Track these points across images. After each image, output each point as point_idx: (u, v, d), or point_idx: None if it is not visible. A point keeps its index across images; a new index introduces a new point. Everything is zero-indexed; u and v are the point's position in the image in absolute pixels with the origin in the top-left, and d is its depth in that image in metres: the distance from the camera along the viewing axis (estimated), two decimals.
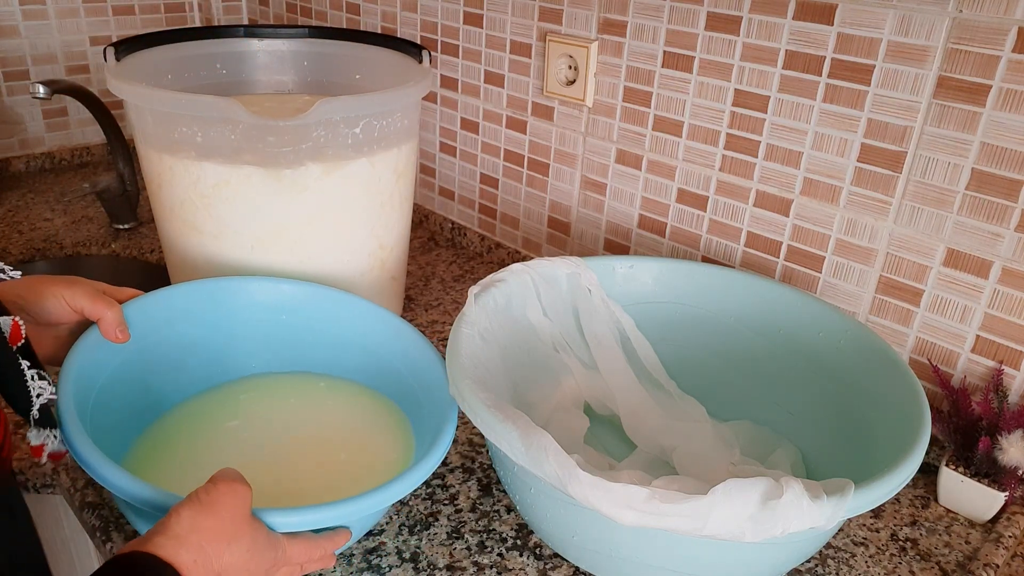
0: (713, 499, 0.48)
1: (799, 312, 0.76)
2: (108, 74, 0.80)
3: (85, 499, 0.70)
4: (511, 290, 0.75)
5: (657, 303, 0.83)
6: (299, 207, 0.80)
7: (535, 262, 0.78)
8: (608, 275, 0.81)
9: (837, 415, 0.72)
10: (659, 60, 0.90)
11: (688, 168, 0.92)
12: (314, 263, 0.84)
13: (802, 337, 0.76)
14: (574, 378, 0.81)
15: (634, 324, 0.82)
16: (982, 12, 0.67)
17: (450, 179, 1.25)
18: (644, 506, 0.49)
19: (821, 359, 0.74)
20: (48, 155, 1.48)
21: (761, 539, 0.49)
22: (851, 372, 0.72)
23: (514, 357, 0.74)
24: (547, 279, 0.78)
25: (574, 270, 0.79)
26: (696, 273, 0.82)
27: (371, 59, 0.99)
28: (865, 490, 0.52)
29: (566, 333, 0.80)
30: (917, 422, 0.60)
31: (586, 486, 0.50)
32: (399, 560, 0.66)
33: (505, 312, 0.74)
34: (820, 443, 0.74)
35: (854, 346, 0.72)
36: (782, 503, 0.48)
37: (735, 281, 0.80)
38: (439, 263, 1.20)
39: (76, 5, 1.44)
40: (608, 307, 0.81)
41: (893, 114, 0.75)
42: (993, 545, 0.70)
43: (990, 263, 0.73)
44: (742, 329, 0.80)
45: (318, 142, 0.78)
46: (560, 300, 0.79)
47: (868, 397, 0.69)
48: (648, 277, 0.83)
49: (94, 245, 1.20)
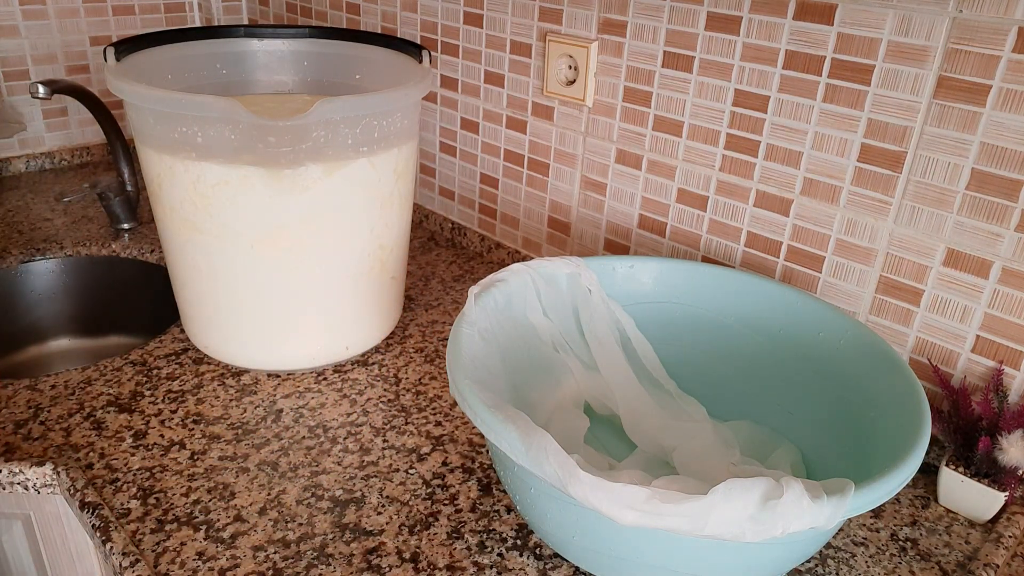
0: (713, 499, 0.48)
1: (799, 312, 0.77)
2: (108, 74, 0.80)
3: (85, 499, 0.70)
4: (511, 290, 0.75)
5: (657, 303, 0.83)
6: (299, 207, 0.80)
7: (535, 262, 0.78)
8: (608, 275, 0.81)
9: (837, 415, 0.72)
10: (659, 60, 0.91)
11: (688, 168, 0.92)
12: (314, 263, 0.84)
13: (802, 337, 0.76)
14: (574, 378, 0.81)
15: (634, 324, 0.82)
16: (982, 12, 0.67)
17: (450, 179, 1.25)
18: (644, 506, 0.49)
19: (821, 359, 0.74)
20: (48, 155, 1.48)
21: (761, 539, 0.49)
22: (851, 372, 0.72)
23: (514, 357, 0.75)
24: (547, 279, 0.78)
25: (574, 270, 0.79)
26: (696, 273, 0.82)
27: (371, 59, 0.99)
28: (865, 490, 0.51)
29: (566, 333, 0.80)
30: (917, 422, 0.60)
31: (586, 486, 0.50)
32: (399, 560, 0.66)
33: (505, 312, 0.74)
34: (820, 443, 0.74)
35: (854, 346, 0.72)
36: (782, 503, 0.48)
37: (735, 281, 0.81)
38: (439, 263, 1.20)
39: (76, 5, 1.44)
40: (608, 307, 0.81)
41: (893, 114, 0.75)
42: (993, 545, 0.70)
43: (990, 263, 0.73)
44: (742, 329, 0.80)
45: (318, 142, 0.78)
46: (560, 300, 0.79)
47: (868, 397, 0.69)
48: (648, 277, 0.83)
49: (94, 245, 1.20)
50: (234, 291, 0.85)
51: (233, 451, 0.78)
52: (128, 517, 0.69)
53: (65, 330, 1.23)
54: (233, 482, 0.74)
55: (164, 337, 0.96)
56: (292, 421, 0.83)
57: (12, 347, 1.19)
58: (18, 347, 1.20)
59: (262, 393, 0.87)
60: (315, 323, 0.89)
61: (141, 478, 0.73)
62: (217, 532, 0.68)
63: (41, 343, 1.22)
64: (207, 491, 0.72)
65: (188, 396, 0.86)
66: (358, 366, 0.93)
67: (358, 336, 0.93)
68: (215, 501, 0.71)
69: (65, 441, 0.78)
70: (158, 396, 0.85)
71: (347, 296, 0.89)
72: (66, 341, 1.23)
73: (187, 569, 0.64)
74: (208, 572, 0.64)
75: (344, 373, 0.91)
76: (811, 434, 0.75)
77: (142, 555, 0.65)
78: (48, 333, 1.22)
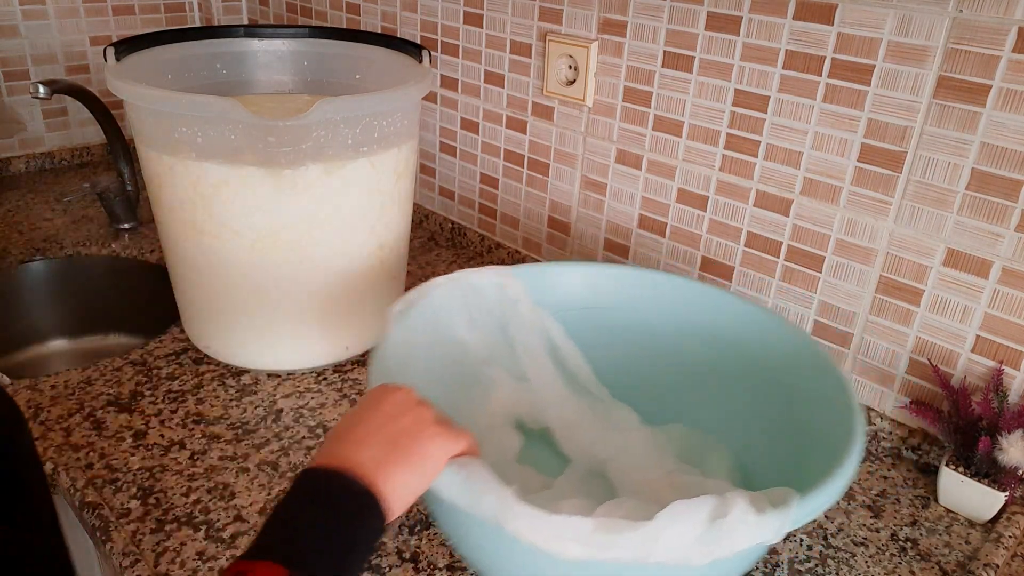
0: (659, 524, 0.47)
1: (727, 312, 0.76)
2: (108, 74, 0.80)
3: (85, 499, 0.70)
4: (436, 305, 0.72)
5: (586, 309, 0.81)
6: (299, 207, 0.80)
7: (459, 273, 0.75)
8: (536, 283, 0.79)
9: (769, 412, 0.72)
10: (659, 60, 0.90)
11: (688, 168, 0.92)
12: (314, 263, 0.84)
13: (730, 337, 0.76)
14: (504, 393, 0.79)
15: (564, 332, 0.80)
16: (982, 12, 0.67)
17: (450, 179, 1.25)
18: (590, 538, 0.46)
19: (750, 358, 0.74)
20: (48, 155, 1.48)
21: (710, 560, 0.47)
22: (781, 371, 0.71)
23: (442, 377, 0.72)
24: (473, 291, 0.75)
25: (501, 280, 0.76)
26: (623, 277, 0.81)
27: (371, 59, 0.99)
28: (808, 499, 0.51)
29: (495, 346, 0.78)
30: (849, 420, 0.59)
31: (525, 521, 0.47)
32: (399, 560, 0.66)
33: (431, 330, 0.71)
34: (754, 442, 0.74)
35: (780, 342, 0.72)
36: (728, 521, 0.47)
37: (661, 283, 0.80)
38: (439, 263, 1.20)
39: (76, 5, 1.44)
40: (537, 316, 0.78)
41: (893, 114, 0.75)
42: (993, 545, 0.70)
43: (990, 263, 0.73)
44: (671, 331, 0.79)
45: (318, 142, 0.78)
46: (487, 312, 0.76)
47: (797, 393, 0.69)
48: (576, 283, 0.81)
49: (94, 245, 1.20)
50: (234, 291, 0.85)
51: (233, 451, 0.78)
52: (128, 517, 0.69)
53: (65, 330, 1.22)
54: (233, 482, 0.74)
55: (164, 337, 0.96)
56: (292, 421, 0.83)
57: (12, 347, 1.19)
58: (18, 347, 1.20)
59: (262, 393, 0.87)
60: (315, 323, 0.89)
61: (141, 478, 0.73)
62: (217, 532, 0.68)
63: (41, 343, 1.22)
64: (207, 491, 0.72)
65: (188, 396, 0.86)
66: (358, 366, 0.93)
67: (358, 336, 0.93)
68: (215, 501, 0.71)
69: (65, 441, 0.78)
70: (158, 396, 0.85)
71: (347, 296, 0.89)
72: (66, 341, 1.23)
73: (187, 569, 0.64)
74: (208, 572, 0.64)
75: (344, 373, 0.91)
76: (744, 433, 0.75)
77: (142, 555, 0.65)
78: (48, 333, 1.22)
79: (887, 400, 0.83)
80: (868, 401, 0.84)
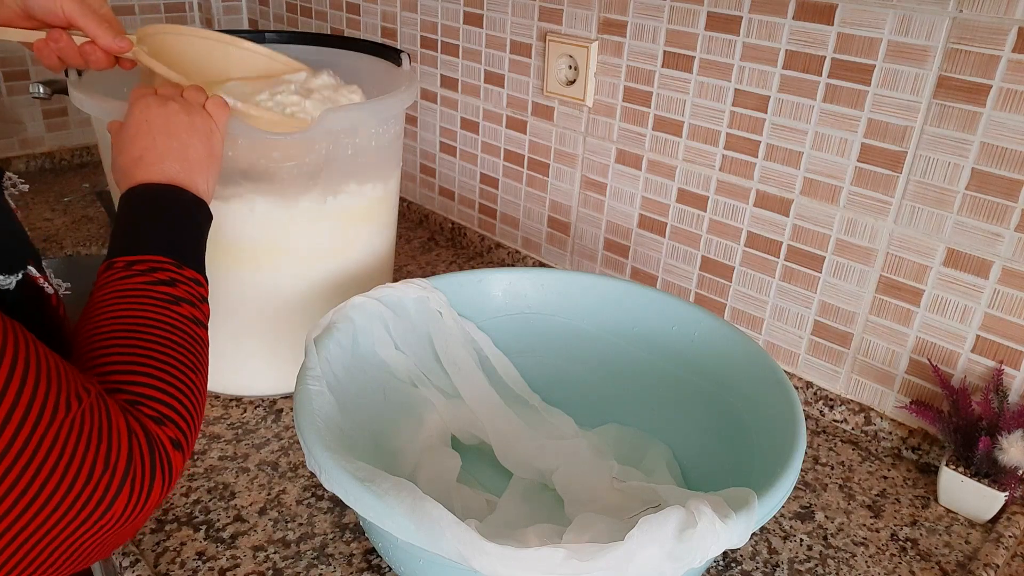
0: (631, 545, 0.46)
1: (651, 308, 0.77)
2: (71, 88, 0.78)
3: None
4: (356, 327, 0.69)
5: (509, 315, 0.80)
6: (296, 222, 0.78)
7: (377, 290, 0.73)
8: (457, 293, 0.77)
9: (701, 406, 0.73)
10: (659, 60, 0.90)
11: (688, 168, 0.92)
12: (312, 270, 0.83)
13: (657, 334, 0.76)
14: (437, 412, 0.76)
15: (490, 341, 0.79)
16: (982, 12, 0.67)
17: (450, 179, 1.25)
18: (562, 568, 0.45)
19: (679, 354, 0.75)
20: (48, 155, 1.48)
21: (683, 573, 0.48)
22: (711, 364, 0.72)
23: (369, 403, 0.69)
24: (394, 307, 0.73)
25: (421, 293, 0.74)
26: (544, 280, 0.81)
27: (354, 67, 0.94)
28: (766, 497, 0.51)
29: (422, 364, 0.76)
30: (789, 412, 0.60)
31: (494, 558, 0.45)
32: None
33: (352, 353, 0.68)
34: (688, 436, 0.74)
35: (707, 337, 0.73)
36: (698, 532, 0.47)
37: (581, 284, 0.80)
38: (439, 263, 1.20)
39: None
40: (462, 327, 0.77)
41: (893, 114, 0.75)
42: (993, 545, 0.70)
43: (990, 263, 0.73)
44: (596, 331, 0.79)
45: (317, 153, 0.77)
46: (411, 328, 0.74)
47: (729, 386, 0.70)
48: (497, 289, 0.80)
49: (94, 245, 1.20)
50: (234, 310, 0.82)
51: (233, 451, 0.78)
52: None
53: None
54: (233, 482, 0.74)
55: None
56: (292, 421, 0.83)
57: None
58: None
59: None
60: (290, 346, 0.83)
61: None
62: (217, 532, 0.68)
63: None
64: (207, 491, 0.72)
65: None
66: None
67: None
68: (215, 501, 0.71)
69: None
70: None
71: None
72: None
73: (187, 569, 0.64)
74: (208, 572, 0.64)
75: None
76: (678, 429, 0.75)
77: (142, 555, 0.65)
78: None
79: (887, 400, 0.83)
80: (868, 401, 0.84)
